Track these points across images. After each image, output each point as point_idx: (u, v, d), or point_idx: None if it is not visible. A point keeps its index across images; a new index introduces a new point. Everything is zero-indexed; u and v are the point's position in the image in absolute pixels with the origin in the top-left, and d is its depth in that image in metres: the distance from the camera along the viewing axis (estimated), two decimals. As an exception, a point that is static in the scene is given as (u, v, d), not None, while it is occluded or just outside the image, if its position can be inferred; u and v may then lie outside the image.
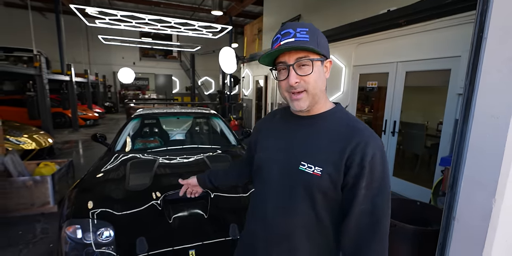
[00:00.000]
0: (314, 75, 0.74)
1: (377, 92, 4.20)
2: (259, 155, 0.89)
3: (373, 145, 0.71)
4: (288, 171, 0.78)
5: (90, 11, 7.59)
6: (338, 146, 0.72)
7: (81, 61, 14.36)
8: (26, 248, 2.27)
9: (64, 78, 7.94)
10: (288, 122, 0.86)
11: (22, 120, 6.06)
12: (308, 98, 0.75)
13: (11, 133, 4.48)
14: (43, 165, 3.21)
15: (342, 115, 0.80)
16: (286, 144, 0.82)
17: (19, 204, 2.78)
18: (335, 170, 0.71)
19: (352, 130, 0.74)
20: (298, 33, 0.72)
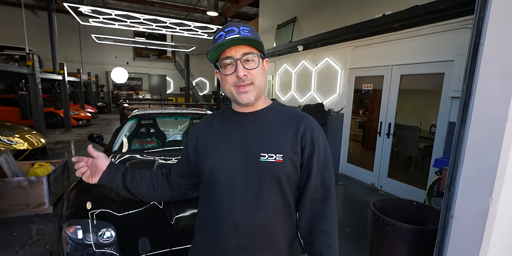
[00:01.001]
0: (259, 69, 0.80)
1: (372, 95, 4.27)
2: (210, 162, 0.83)
3: (317, 127, 0.83)
4: (251, 166, 0.79)
5: (84, 9, 7.51)
6: (291, 132, 0.80)
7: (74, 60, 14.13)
8: (22, 250, 2.23)
9: (57, 78, 7.83)
10: (233, 121, 0.87)
11: (14, 120, 5.94)
12: (254, 90, 0.79)
13: (3, 132, 4.39)
14: (38, 165, 3.16)
15: (282, 107, 0.88)
16: (240, 141, 0.82)
17: (14, 205, 2.73)
18: (294, 154, 0.79)
19: (297, 117, 0.83)
20: (242, 31, 0.77)
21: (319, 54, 5.10)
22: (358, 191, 3.94)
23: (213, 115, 0.97)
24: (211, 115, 0.98)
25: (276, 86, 6.74)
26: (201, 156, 0.87)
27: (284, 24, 7.04)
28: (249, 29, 0.79)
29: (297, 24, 6.45)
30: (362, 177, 4.28)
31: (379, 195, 3.73)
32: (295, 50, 5.63)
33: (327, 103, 4.95)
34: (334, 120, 4.79)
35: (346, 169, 4.61)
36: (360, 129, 4.86)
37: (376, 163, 3.98)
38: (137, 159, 2.33)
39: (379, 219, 1.74)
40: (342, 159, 4.66)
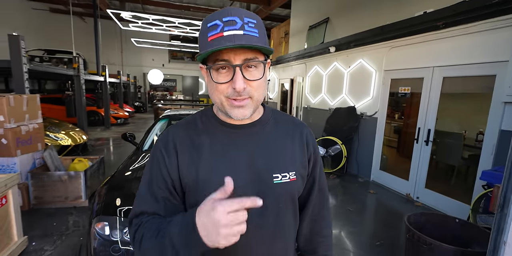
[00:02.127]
0: (262, 80, 0.62)
1: (410, 98, 3.99)
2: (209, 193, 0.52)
3: (311, 131, 0.77)
4: (265, 192, 0.63)
5: (125, 15, 7.99)
6: (297, 144, 0.71)
7: (115, 63, 15.14)
8: (59, 239, 2.39)
9: (99, 79, 8.40)
10: (228, 136, 0.67)
11: (61, 117, 6.48)
12: (252, 105, 0.62)
13: (50, 129, 4.79)
14: (77, 161, 3.39)
15: (277, 114, 0.77)
16: (245, 163, 0.65)
17: (54, 197, 2.95)
18: (303, 168, 0.71)
19: (295, 124, 0.75)
20: (247, 24, 0.56)
21: (352, 56, 4.89)
22: (391, 201, 3.69)
23: (182, 128, 0.70)
24: (177, 128, 0.70)
25: (306, 88, 6.60)
26: (192, 188, 0.64)
27: (316, 25, 6.88)
28: (256, 21, 0.58)
29: (329, 25, 6.27)
30: (396, 186, 4.00)
31: (414, 206, 3.46)
32: (326, 51, 5.46)
33: (359, 106, 4.73)
34: (367, 125, 4.55)
35: (379, 177, 4.35)
36: (395, 134, 4.57)
37: (412, 172, 3.70)
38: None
39: (414, 236, 1.59)
40: (374, 166, 4.41)
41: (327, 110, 5.62)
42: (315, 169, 0.76)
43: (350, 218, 3.08)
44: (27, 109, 2.99)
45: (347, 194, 3.87)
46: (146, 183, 0.66)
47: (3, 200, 2.00)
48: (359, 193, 3.92)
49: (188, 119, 0.73)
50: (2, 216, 1.99)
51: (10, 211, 2.07)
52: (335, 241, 2.57)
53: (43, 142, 3.25)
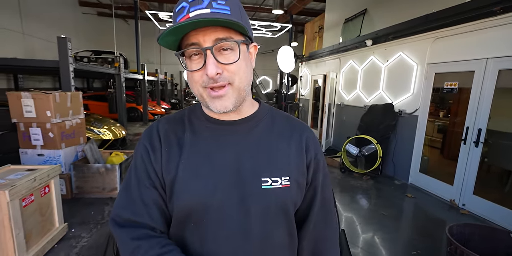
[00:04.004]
0: (241, 63, 0.53)
1: (457, 94, 3.60)
2: (187, 199, 0.56)
3: (314, 135, 0.67)
4: (251, 198, 0.56)
5: (162, 15, 8.34)
6: (294, 146, 0.62)
7: (153, 62, 15.93)
8: (95, 228, 2.56)
9: (138, 77, 8.89)
10: (212, 134, 0.60)
11: (103, 113, 6.98)
12: (233, 94, 0.54)
13: (94, 124, 5.17)
14: (115, 154, 3.60)
15: (275, 112, 0.68)
16: (230, 164, 0.57)
17: (93, 188, 3.17)
18: (300, 174, 0.62)
19: (294, 125, 0.66)
20: (215, 1, 0.50)
21: (391, 49, 4.55)
22: (432, 207, 3.37)
23: (168, 122, 0.64)
24: (164, 122, 0.65)
25: (340, 84, 6.31)
26: (169, 189, 0.58)
27: (352, 17, 6.53)
28: (238, 3, 0.54)
29: (367, 17, 5.90)
30: (438, 190, 3.65)
31: (460, 214, 3.12)
32: (363, 45, 5.15)
33: (397, 103, 4.39)
34: (405, 123, 4.21)
35: (418, 180, 4.01)
36: (439, 134, 4.17)
37: (458, 176, 3.34)
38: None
39: (456, 250, 1.40)
40: (414, 168, 4.07)
41: (362, 107, 5.32)
42: (316, 177, 0.64)
43: (383, 223, 2.87)
44: (71, 105, 3.24)
45: (381, 197, 3.63)
46: (132, 181, 0.60)
47: (46, 189, 2.17)
48: (395, 196, 3.65)
49: (176, 114, 0.68)
50: (45, 204, 2.17)
51: (52, 199, 2.25)
52: (365, 246, 2.40)
53: (85, 136, 3.50)
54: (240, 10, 0.54)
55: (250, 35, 0.56)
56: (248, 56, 0.57)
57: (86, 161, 3.30)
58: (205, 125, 0.62)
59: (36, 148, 3.04)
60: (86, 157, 3.27)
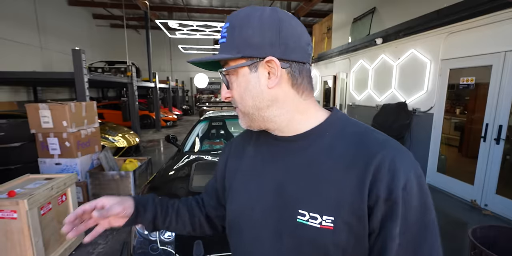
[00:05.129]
0: (239, 89, 0.53)
1: (474, 90, 3.46)
2: (234, 207, 0.59)
3: (404, 165, 0.45)
4: (284, 228, 0.50)
5: (171, 24, 8.52)
6: (352, 176, 0.46)
7: (165, 69, 16.28)
8: (111, 235, 2.60)
9: (150, 85, 9.08)
10: (269, 148, 0.57)
11: (117, 121, 7.16)
12: (243, 116, 0.56)
13: (108, 132, 5.30)
14: (128, 161, 3.66)
15: (346, 125, 0.52)
16: (274, 183, 0.53)
17: (108, 195, 3.21)
18: (354, 216, 0.45)
19: (366, 146, 0.47)
20: (223, 32, 0.53)
21: (402, 46, 4.45)
22: (452, 208, 3.24)
23: (243, 134, 0.69)
24: (242, 133, 0.70)
25: (350, 85, 6.22)
26: (226, 193, 0.64)
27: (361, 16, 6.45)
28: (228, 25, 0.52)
29: (376, 15, 5.81)
30: (457, 190, 3.51)
31: (482, 216, 2.97)
32: (372, 44, 5.07)
33: (411, 102, 4.27)
34: (421, 122, 4.09)
35: (436, 180, 3.86)
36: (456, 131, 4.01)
37: (479, 175, 3.20)
38: (203, 160, 2.43)
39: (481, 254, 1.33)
40: (430, 168, 3.93)
41: (374, 107, 5.21)
42: (388, 228, 0.44)
43: (402, 226, 2.77)
44: (86, 114, 3.33)
45: (398, 199, 3.51)
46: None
47: (63, 197, 2.23)
48: (413, 198, 3.52)
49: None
50: (63, 212, 2.22)
51: (69, 207, 2.31)
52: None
53: (100, 145, 3.59)
54: (239, 32, 0.50)
55: (253, 54, 0.49)
56: (255, 77, 0.51)
57: (102, 168, 3.38)
58: (266, 140, 0.59)
59: (54, 157, 3.13)
60: (101, 164, 3.35)
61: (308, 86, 0.54)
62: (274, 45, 0.48)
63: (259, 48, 0.49)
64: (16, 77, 4.68)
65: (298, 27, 0.51)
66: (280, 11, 0.51)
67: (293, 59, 0.50)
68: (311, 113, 0.54)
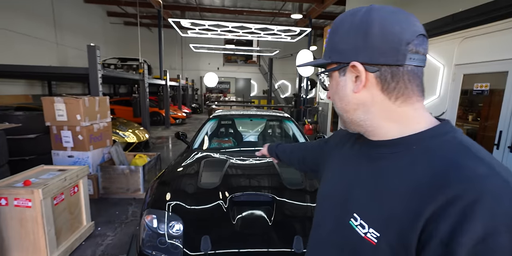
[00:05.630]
0: (331, 91, 0.57)
1: (489, 97, 3.40)
2: (320, 190, 0.68)
3: (494, 212, 0.35)
4: (338, 222, 0.54)
5: (184, 23, 8.62)
6: (415, 199, 0.40)
7: (176, 67, 16.46)
8: (119, 227, 2.65)
9: (161, 82, 9.20)
10: (360, 149, 0.58)
11: (128, 118, 7.27)
12: (339, 118, 0.59)
13: (119, 127, 5.40)
14: (138, 156, 3.73)
15: (443, 143, 0.45)
16: (347, 182, 0.56)
17: (118, 188, 3.30)
18: (400, 242, 0.41)
19: (450, 170, 0.39)
20: (327, 36, 0.56)
21: (416, 50, 4.39)
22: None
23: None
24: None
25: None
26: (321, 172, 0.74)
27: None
28: (331, 29, 0.55)
29: (389, 18, 5.75)
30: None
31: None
32: (385, 47, 5.02)
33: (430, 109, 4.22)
34: (432, 127, 4.03)
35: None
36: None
37: (490, 183, 3.14)
38: (212, 158, 2.46)
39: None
40: (441, 174, 3.87)
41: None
42: None
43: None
44: (99, 109, 3.41)
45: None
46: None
47: (75, 188, 2.29)
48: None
49: None
50: (74, 203, 2.29)
51: (80, 198, 2.37)
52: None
53: (111, 139, 3.66)
54: (336, 36, 0.52)
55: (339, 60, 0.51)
56: (342, 81, 0.52)
57: (112, 162, 3.45)
58: (362, 140, 0.58)
59: (67, 150, 3.22)
60: (112, 159, 3.42)
61: (406, 92, 0.47)
62: (359, 50, 0.47)
63: (344, 53, 0.50)
64: (32, 71, 4.81)
65: (397, 25, 0.46)
66: (376, 10, 0.48)
67: (382, 63, 0.46)
68: (405, 122, 0.49)
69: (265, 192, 1.88)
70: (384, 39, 0.46)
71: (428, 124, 0.48)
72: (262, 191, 1.90)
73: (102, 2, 11.17)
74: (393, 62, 0.46)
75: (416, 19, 0.49)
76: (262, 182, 2.10)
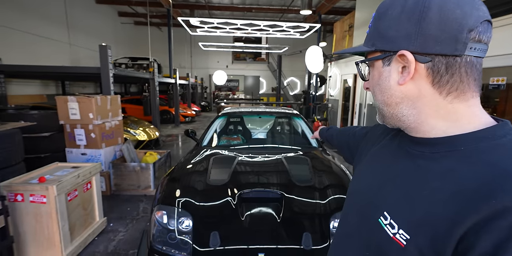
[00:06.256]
0: (371, 82, 0.53)
1: (505, 91, 3.29)
2: (352, 182, 0.66)
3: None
4: (365, 222, 0.52)
5: (193, 21, 8.66)
6: (454, 205, 0.37)
7: (185, 66, 16.58)
8: (131, 223, 2.71)
9: (171, 81, 9.29)
10: (400, 145, 0.54)
11: (139, 116, 7.39)
12: (378, 111, 0.55)
13: (130, 126, 5.49)
14: (149, 154, 3.79)
15: (496, 147, 0.40)
16: (379, 180, 0.53)
17: (129, 185, 3.36)
18: (431, 248, 0.38)
19: (501, 179, 0.35)
20: (370, 22, 0.51)
21: (428, 44, 4.28)
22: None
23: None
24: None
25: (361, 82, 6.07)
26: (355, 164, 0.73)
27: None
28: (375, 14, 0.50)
29: (401, 12, 5.62)
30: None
31: None
32: (396, 41, 4.91)
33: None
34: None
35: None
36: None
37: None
38: (221, 155, 2.47)
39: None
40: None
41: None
42: None
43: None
44: (110, 108, 3.47)
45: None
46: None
47: (88, 185, 2.35)
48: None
49: None
50: (87, 199, 2.34)
51: (93, 194, 2.43)
52: None
53: (122, 137, 3.73)
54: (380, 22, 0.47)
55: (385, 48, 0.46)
56: (385, 71, 0.48)
57: (124, 160, 3.51)
58: (402, 134, 0.54)
59: (80, 148, 3.30)
60: (123, 156, 3.48)
61: (461, 86, 0.42)
62: (411, 37, 0.42)
63: (392, 41, 0.45)
64: (47, 71, 4.94)
65: (458, 9, 0.40)
66: None
67: (437, 52, 0.41)
68: (454, 120, 0.44)
69: (274, 188, 1.88)
70: (443, 25, 0.40)
71: (482, 124, 0.43)
72: (270, 187, 1.90)
73: (113, 2, 11.34)
74: (450, 52, 0.41)
75: (480, 2, 0.42)
76: (270, 179, 2.09)
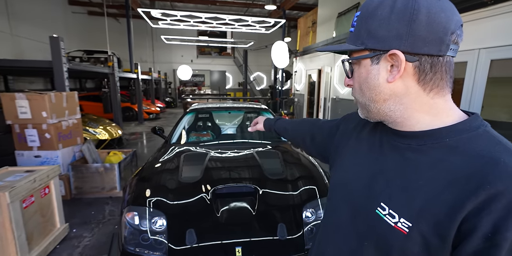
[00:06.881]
0: (358, 79, 0.54)
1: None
2: (331, 181, 0.67)
3: None
4: (361, 212, 0.53)
5: (154, 13, 8.24)
6: (452, 192, 0.41)
7: (147, 60, 15.79)
8: (97, 227, 2.56)
9: (132, 76, 8.80)
10: (382, 139, 0.57)
11: (98, 114, 6.92)
12: (361, 107, 0.56)
13: (89, 124, 5.13)
14: (112, 154, 3.58)
15: (476, 140, 0.44)
16: (370, 173, 0.54)
17: (92, 188, 3.16)
18: (434, 232, 0.42)
19: (489, 166, 0.40)
20: (354, 21, 0.52)
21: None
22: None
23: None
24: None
25: (334, 78, 6.35)
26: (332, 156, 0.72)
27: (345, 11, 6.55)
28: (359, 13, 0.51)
29: (360, 10, 5.91)
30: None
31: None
32: (357, 38, 5.17)
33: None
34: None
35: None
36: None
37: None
38: (191, 152, 2.43)
39: None
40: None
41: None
42: None
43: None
44: (67, 105, 3.21)
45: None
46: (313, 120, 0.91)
47: (46, 189, 2.16)
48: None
49: None
50: (46, 205, 2.16)
51: (52, 200, 2.24)
52: None
53: (82, 136, 3.48)
54: (367, 22, 0.48)
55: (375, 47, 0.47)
56: (373, 69, 0.49)
57: (84, 161, 3.28)
58: (382, 128, 0.57)
59: (33, 150, 3.01)
60: (84, 157, 3.25)
61: (441, 83, 0.47)
62: (401, 37, 0.44)
63: (383, 40, 0.46)
64: (-14, 65, 4.39)
65: (442, 13, 0.43)
66: None
67: (424, 53, 0.44)
68: (436, 114, 0.48)
69: (248, 183, 1.90)
70: (431, 28, 0.43)
71: (458, 117, 0.48)
72: (244, 182, 1.92)
73: (61, -11, 10.34)
74: (436, 52, 0.44)
75: (455, 8, 0.46)
76: (243, 174, 2.11)
